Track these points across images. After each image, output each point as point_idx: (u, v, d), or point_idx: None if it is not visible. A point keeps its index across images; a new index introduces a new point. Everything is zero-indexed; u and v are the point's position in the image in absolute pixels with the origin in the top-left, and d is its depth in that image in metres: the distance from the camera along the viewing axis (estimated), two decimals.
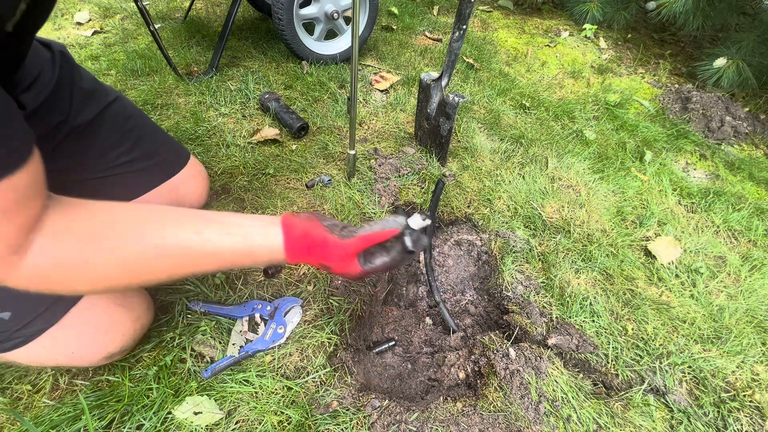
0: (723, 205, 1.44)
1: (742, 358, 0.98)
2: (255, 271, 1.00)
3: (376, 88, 1.73)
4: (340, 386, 0.83)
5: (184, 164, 0.99)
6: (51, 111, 0.78)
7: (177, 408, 0.75)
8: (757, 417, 0.88)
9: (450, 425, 0.78)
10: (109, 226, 0.50)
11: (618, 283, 1.11)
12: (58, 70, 0.78)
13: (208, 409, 0.75)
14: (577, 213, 1.30)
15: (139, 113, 0.96)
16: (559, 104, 1.87)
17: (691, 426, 0.86)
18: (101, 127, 0.86)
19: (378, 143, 1.45)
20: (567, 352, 0.95)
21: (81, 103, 0.82)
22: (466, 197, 1.29)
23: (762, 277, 1.19)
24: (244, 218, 0.58)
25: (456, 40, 1.11)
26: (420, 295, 1.22)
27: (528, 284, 1.09)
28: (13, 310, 0.63)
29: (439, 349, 1.06)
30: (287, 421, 0.76)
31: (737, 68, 2.03)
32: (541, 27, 2.65)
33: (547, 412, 0.82)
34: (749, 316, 1.08)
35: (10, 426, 0.71)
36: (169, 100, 1.47)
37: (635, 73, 2.32)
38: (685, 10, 2.13)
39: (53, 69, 0.77)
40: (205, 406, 0.76)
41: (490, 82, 1.92)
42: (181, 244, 0.52)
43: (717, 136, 1.87)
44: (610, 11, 2.55)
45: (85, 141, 0.84)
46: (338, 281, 1.02)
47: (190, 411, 0.75)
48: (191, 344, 0.85)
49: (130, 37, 1.85)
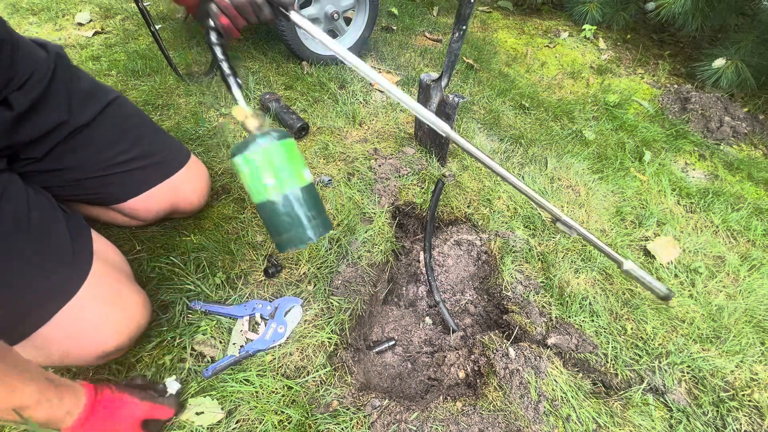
0: (722, 205, 1.45)
1: (741, 358, 0.98)
2: (255, 271, 1.00)
3: (376, 89, 1.74)
4: (340, 386, 0.83)
5: (184, 164, 0.99)
6: (47, 111, 0.78)
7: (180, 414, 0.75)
8: (756, 416, 0.88)
9: (450, 424, 0.78)
10: None
11: (617, 282, 1.11)
12: (52, 70, 0.79)
13: (209, 409, 0.76)
14: (576, 213, 1.30)
15: (139, 113, 0.96)
16: (559, 104, 1.87)
17: (690, 425, 0.86)
18: (101, 127, 0.86)
19: (378, 143, 1.46)
20: (566, 352, 0.95)
21: (80, 103, 0.83)
22: (465, 197, 1.30)
23: (761, 277, 1.19)
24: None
25: (456, 40, 1.11)
26: (420, 295, 1.22)
27: (527, 284, 1.09)
28: (1, 310, 0.63)
29: (439, 349, 1.07)
30: (287, 421, 0.76)
31: (736, 69, 2.03)
32: (541, 27, 2.65)
33: (546, 411, 0.83)
34: (748, 316, 1.08)
35: (11, 426, 0.71)
36: (169, 101, 1.47)
37: (634, 73, 2.32)
38: (684, 11, 2.14)
39: (47, 69, 0.78)
40: (206, 406, 0.76)
41: (490, 82, 1.93)
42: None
43: (716, 137, 1.87)
44: (609, 12, 2.55)
45: (85, 140, 0.84)
46: (338, 281, 1.02)
47: (192, 411, 0.75)
48: (192, 344, 0.85)
49: (130, 38, 1.85)
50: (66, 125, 0.81)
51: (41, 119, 0.77)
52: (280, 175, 0.62)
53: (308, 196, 0.64)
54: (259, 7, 0.63)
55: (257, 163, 0.61)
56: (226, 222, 1.10)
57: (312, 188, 0.66)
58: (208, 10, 0.63)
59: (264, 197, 0.62)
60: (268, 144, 0.61)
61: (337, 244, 1.09)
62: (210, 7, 0.62)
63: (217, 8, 0.62)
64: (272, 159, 0.61)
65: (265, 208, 0.63)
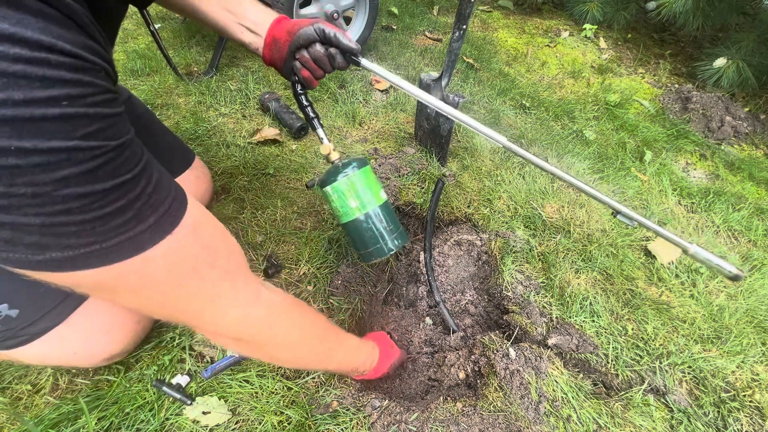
0: (723, 205, 1.44)
1: (742, 358, 0.98)
2: (255, 271, 1.00)
3: (376, 88, 1.73)
4: (340, 386, 0.83)
5: (189, 165, 0.99)
6: None
7: (187, 409, 0.75)
8: (757, 417, 0.88)
9: (450, 425, 0.78)
10: (304, 315, 0.65)
11: (618, 283, 1.11)
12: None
13: (216, 409, 0.75)
14: (577, 213, 1.30)
15: (149, 113, 0.96)
16: (559, 104, 1.87)
17: (691, 426, 0.86)
18: None
19: (378, 143, 1.45)
20: (567, 352, 0.95)
21: None
22: (466, 197, 1.29)
23: (762, 277, 1.19)
24: (364, 344, 0.82)
25: (456, 40, 1.10)
26: (420, 295, 1.22)
27: (528, 284, 1.09)
28: (21, 308, 0.63)
29: (439, 349, 1.06)
30: (287, 421, 0.76)
31: (737, 68, 2.03)
32: (541, 27, 2.65)
33: (547, 412, 0.82)
34: (749, 316, 1.08)
35: (10, 426, 0.71)
36: (169, 100, 1.47)
37: (635, 73, 2.32)
38: (685, 10, 2.13)
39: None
40: (213, 405, 0.76)
41: (490, 82, 1.92)
42: (324, 354, 0.70)
43: (717, 136, 1.87)
44: (610, 11, 2.55)
45: None
46: (338, 281, 1.02)
47: (199, 410, 0.75)
48: (191, 344, 0.85)
49: (130, 37, 1.85)
50: None
51: None
52: (362, 197, 0.75)
53: (386, 213, 0.78)
54: (333, 57, 0.71)
55: (343, 189, 0.75)
56: (225, 222, 1.10)
57: (388, 205, 0.79)
58: (293, 66, 0.74)
59: (351, 217, 0.76)
60: (351, 172, 0.74)
61: (337, 244, 1.09)
62: (295, 64, 0.73)
63: (300, 64, 0.73)
64: (355, 185, 0.75)
65: (352, 226, 0.77)
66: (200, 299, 0.47)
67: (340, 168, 0.75)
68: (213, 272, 0.46)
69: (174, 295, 0.44)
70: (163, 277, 0.42)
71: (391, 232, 0.78)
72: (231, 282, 0.49)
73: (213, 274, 0.46)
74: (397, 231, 0.79)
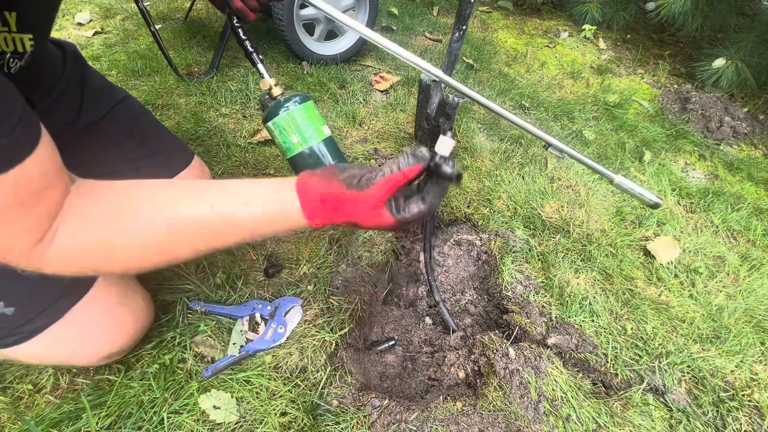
0: (722, 205, 1.45)
1: (741, 358, 0.98)
2: (255, 271, 1.00)
3: (376, 89, 1.74)
4: (340, 385, 0.83)
5: (188, 164, 0.99)
6: (62, 109, 0.78)
7: (201, 396, 0.76)
8: (756, 416, 0.88)
9: (450, 424, 0.78)
10: (126, 207, 0.49)
11: (617, 282, 1.11)
12: (69, 69, 0.79)
13: (226, 406, 0.76)
14: (576, 213, 1.30)
15: (147, 113, 0.97)
16: (559, 104, 1.87)
17: (690, 425, 0.86)
18: (109, 126, 0.86)
19: (378, 143, 1.45)
20: (566, 352, 0.95)
21: (91, 101, 0.83)
22: (466, 197, 1.30)
23: (761, 277, 1.19)
24: (260, 185, 0.54)
25: (456, 40, 1.11)
26: (420, 295, 1.22)
27: (527, 284, 1.09)
28: (16, 306, 0.63)
29: (439, 349, 1.06)
30: (288, 421, 0.76)
31: (736, 69, 2.03)
32: (541, 27, 2.65)
33: (546, 411, 0.83)
34: (748, 316, 1.08)
35: (11, 425, 0.72)
36: (169, 101, 1.47)
37: (634, 73, 2.32)
38: (684, 11, 2.14)
39: (64, 69, 0.78)
40: (225, 402, 0.76)
41: (490, 82, 1.93)
42: (196, 220, 0.49)
43: (716, 137, 1.87)
44: (609, 12, 2.55)
45: (92, 139, 0.84)
46: (338, 281, 1.02)
47: (210, 403, 0.75)
48: (192, 344, 0.85)
49: (130, 38, 1.85)
50: (75, 123, 0.81)
51: (56, 118, 0.77)
52: (304, 132, 0.74)
53: (330, 148, 0.76)
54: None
55: (284, 125, 0.73)
56: None
57: (331, 140, 0.77)
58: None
59: (294, 152, 0.74)
60: (292, 107, 0.73)
61: (337, 244, 1.09)
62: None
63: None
64: (295, 119, 0.73)
65: (296, 162, 0.75)
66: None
67: (282, 103, 0.74)
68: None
69: None
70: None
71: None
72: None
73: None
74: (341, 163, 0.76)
